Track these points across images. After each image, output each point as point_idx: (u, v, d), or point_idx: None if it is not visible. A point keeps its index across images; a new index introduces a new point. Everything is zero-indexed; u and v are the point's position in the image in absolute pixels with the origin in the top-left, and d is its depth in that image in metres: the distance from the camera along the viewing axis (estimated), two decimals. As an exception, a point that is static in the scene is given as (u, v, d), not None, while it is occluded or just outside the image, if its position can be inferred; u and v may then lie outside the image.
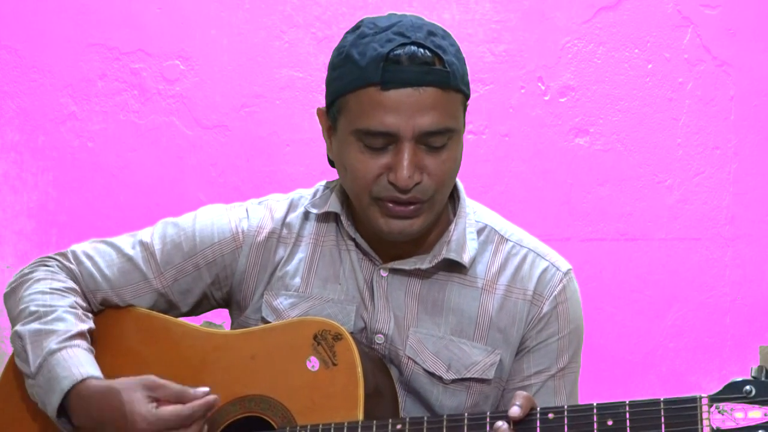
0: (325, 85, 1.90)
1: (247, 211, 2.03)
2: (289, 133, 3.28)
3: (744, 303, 3.29)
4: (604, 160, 3.31)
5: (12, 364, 1.98)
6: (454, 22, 3.26)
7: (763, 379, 1.61)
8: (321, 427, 1.79)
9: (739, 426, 1.61)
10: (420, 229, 1.88)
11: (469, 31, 3.28)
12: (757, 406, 1.60)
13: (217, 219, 2.02)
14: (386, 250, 1.94)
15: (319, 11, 3.29)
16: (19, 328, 1.91)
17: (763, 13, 3.32)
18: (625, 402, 1.68)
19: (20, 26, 3.23)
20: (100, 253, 2.02)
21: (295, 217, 2.01)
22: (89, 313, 1.99)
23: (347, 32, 1.89)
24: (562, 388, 1.95)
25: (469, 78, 1.90)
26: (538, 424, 1.71)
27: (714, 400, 1.63)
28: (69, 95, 3.25)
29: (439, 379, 1.92)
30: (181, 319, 2.02)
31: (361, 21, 1.89)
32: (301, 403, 1.83)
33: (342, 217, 1.96)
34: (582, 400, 1.98)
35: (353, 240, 1.96)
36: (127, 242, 2.03)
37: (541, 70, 3.31)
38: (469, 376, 1.92)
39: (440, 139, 1.83)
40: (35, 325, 1.90)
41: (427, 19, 1.88)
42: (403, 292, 1.94)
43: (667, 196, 3.31)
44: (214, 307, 2.08)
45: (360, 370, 1.80)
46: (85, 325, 1.93)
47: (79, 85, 3.25)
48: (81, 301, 1.98)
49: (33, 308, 1.92)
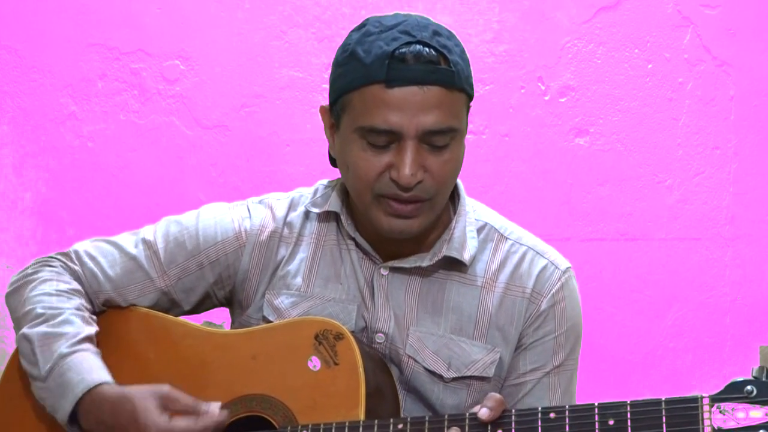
0: (328, 83, 1.90)
1: (249, 210, 2.02)
2: (289, 133, 3.28)
3: (744, 303, 3.29)
4: (604, 160, 3.31)
5: (13, 364, 1.97)
6: (455, 22, 3.26)
7: (764, 379, 1.61)
8: (322, 426, 1.79)
9: (740, 426, 1.61)
10: (420, 229, 1.88)
11: (469, 31, 3.28)
12: (759, 406, 1.60)
13: (220, 218, 2.01)
14: (386, 249, 1.94)
15: (319, 11, 3.29)
16: (26, 331, 1.90)
17: (763, 13, 3.32)
18: (627, 402, 1.68)
19: (20, 26, 3.23)
20: (103, 252, 2.02)
21: (296, 217, 2.01)
22: (94, 315, 1.98)
23: (352, 30, 1.89)
24: (558, 385, 1.95)
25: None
26: (540, 424, 1.71)
27: (715, 400, 1.63)
28: (69, 95, 3.24)
29: (440, 377, 1.92)
30: (182, 319, 2.01)
31: (367, 19, 1.89)
32: (303, 403, 1.82)
33: (342, 217, 1.96)
34: (582, 400, 1.98)
35: (353, 239, 1.96)
36: (129, 241, 2.02)
37: (541, 70, 3.31)
38: (469, 374, 1.92)
39: (443, 139, 1.83)
40: (43, 328, 1.90)
41: (432, 19, 1.88)
42: (403, 291, 1.94)
43: (667, 196, 3.31)
44: (216, 306, 2.07)
45: (361, 370, 1.80)
46: (92, 329, 1.93)
47: (79, 85, 3.25)
48: (86, 303, 1.98)
49: (40, 310, 1.92)
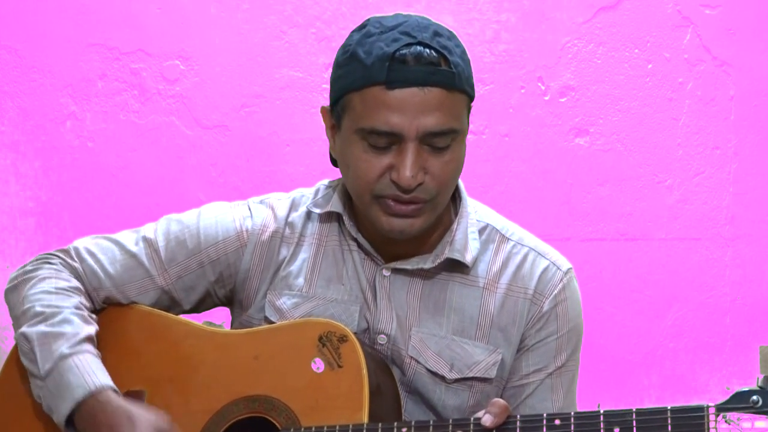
0: (329, 84, 1.90)
1: (250, 209, 2.02)
2: (289, 133, 3.28)
3: (744, 303, 3.30)
4: (604, 160, 3.31)
5: (11, 362, 1.97)
6: (455, 22, 3.26)
7: (770, 390, 1.62)
8: (325, 428, 1.78)
9: (745, 436, 1.62)
10: (420, 229, 1.87)
11: (469, 31, 3.28)
12: (764, 417, 1.60)
13: (221, 217, 2.01)
14: (388, 250, 1.94)
15: (319, 11, 3.29)
16: (25, 330, 1.90)
17: (763, 13, 3.33)
18: (632, 410, 1.68)
19: (20, 26, 3.23)
20: (103, 249, 2.01)
21: (297, 217, 2.01)
22: (93, 314, 1.98)
23: (353, 31, 1.88)
24: (560, 386, 1.95)
25: (471, 79, 1.90)
26: (545, 431, 1.71)
27: (721, 409, 1.64)
28: (69, 95, 3.24)
29: (442, 378, 1.92)
30: (183, 318, 2.00)
31: (368, 20, 1.88)
32: (305, 404, 1.82)
33: (344, 218, 1.96)
34: (582, 399, 1.99)
35: (355, 240, 1.96)
36: (130, 238, 2.01)
37: (541, 70, 3.31)
38: (471, 375, 1.92)
39: (444, 140, 1.82)
40: (42, 327, 1.89)
41: (433, 20, 1.88)
42: (405, 292, 1.94)
43: (667, 196, 3.32)
44: (217, 305, 2.06)
45: (365, 372, 1.80)
46: (92, 328, 1.92)
47: (79, 85, 3.25)
48: (85, 301, 1.97)
49: (39, 309, 1.91)
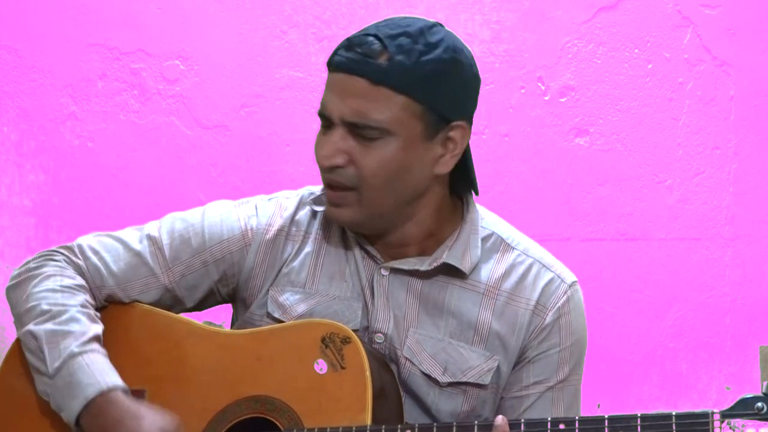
0: None
1: (256, 208, 2.01)
2: (289, 133, 3.28)
3: (744, 303, 3.30)
4: (604, 160, 3.31)
5: (11, 357, 1.96)
6: (455, 22, 3.26)
7: (775, 396, 1.62)
8: (328, 430, 1.79)
9: (750, 443, 1.62)
10: (352, 220, 1.88)
11: (469, 31, 3.28)
12: (769, 423, 1.61)
13: (225, 216, 2.00)
14: (387, 249, 1.94)
15: (319, 11, 3.29)
16: (32, 328, 1.89)
17: (763, 13, 3.33)
18: (637, 414, 1.68)
19: (20, 26, 3.23)
20: (107, 247, 2.00)
21: (303, 215, 2.00)
22: (98, 312, 1.97)
23: None
24: (561, 400, 1.93)
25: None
26: None
27: (726, 416, 1.64)
28: (69, 95, 3.24)
29: (435, 381, 1.91)
30: (186, 317, 2.00)
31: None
32: (308, 406, 1.82)
33: None
34: (582, 400, 1.98)
35: (356, 237, 1.96)
36: (133, 236, 2.01)
37: (541, 70, 3.31)
38: (464, 380, 1.91)
39: (369, 132, 1.83)
40: (50, 326, 1.89)
41: (444, 28, 1.86)
42: (403, 292, 1.93)
43: (667, 196, 3.32)
44: (220, 303, 2.06)
45: (368, 374, 1.80)
46: (99, 327, 1.92)
47: (79, 85, 3.24)
48: (90, 299, 1.96)
49: (45, 307, 1.91)
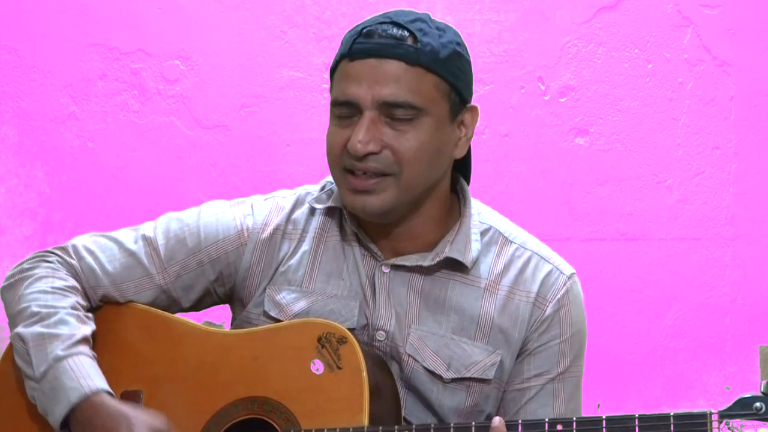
0: None
1: (252, 207, 2.01)
2: (289, 133, 3.28)
3: (744, 303, 3.30)
4: (604, 160, 3.31)
5: (7, 359, 1.96)
6: (455, 22, 3.25)
7: (773, 396, 1.62)
8: (326, 431, 1.79)
9: (748, 443, 1.62)
10: (384, 207, 1.86)
11: (469, 31, 3.28)
12: (767, 424, 1.61)
13: (221, 216, 2.00)
14: (388, 245, 1.94)
15: (319, 11, 3.29)
16: (20, 330, 1.89)
17: (763, 13, 3.32)
18: (635, 415, 1.69)
19: (20, 26, 3.23)
20: (102, 247, 2.00)
21: (300, 213, 2.00)
22: (90, 313, 1.97)
23: None
24: (562, 392, 1.94)
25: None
26: None
27: (724, 416, 1.64)
28: (69, 95, 3.24)
29: (439, 377, 1.91)
30: (182, 317, 2.00)
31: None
32: (305, 407, 1.82)
33: (345, 213, 1.95)
34: (583, 400, 1.98)
35: (356, 235, 1.96)
36: (129, 237, 2.01)
37: (541, 70, 3.31)
38: (468, 375, 1.91)
39: (404, 113, 1.83)
40: (38, 328, 1.88)
41: (434, 18, 1.91)
42: (405, 289, 1.93)
43: (667, 196, 3.31)
44: (216, 303, 2.06)
45: (365, 375, 1.79)
46: (88, 328, 1.92)
47: (79, 85, 3.24)
48: (82, 300, 1.96)
49: (35, 309, 1.90)
